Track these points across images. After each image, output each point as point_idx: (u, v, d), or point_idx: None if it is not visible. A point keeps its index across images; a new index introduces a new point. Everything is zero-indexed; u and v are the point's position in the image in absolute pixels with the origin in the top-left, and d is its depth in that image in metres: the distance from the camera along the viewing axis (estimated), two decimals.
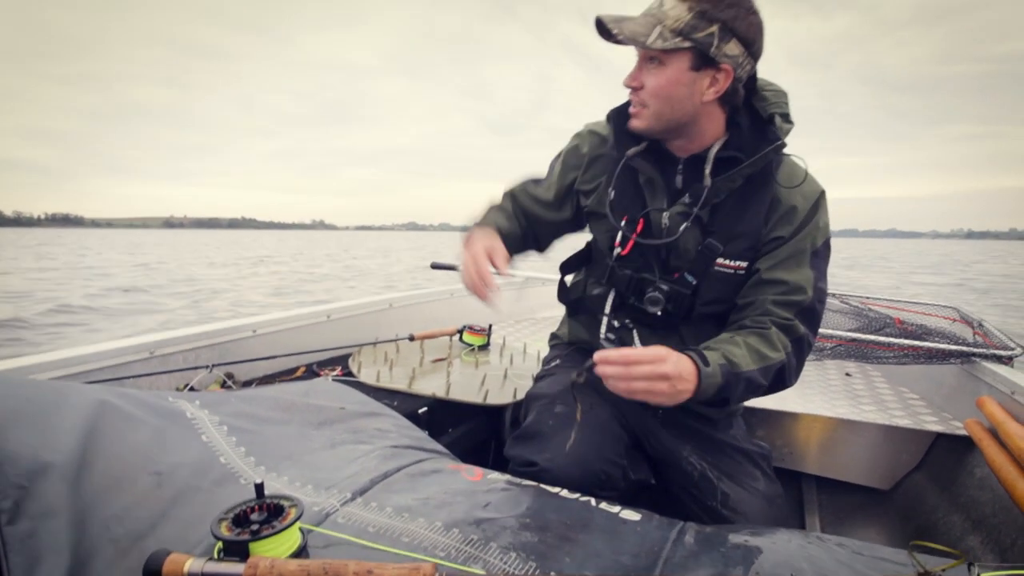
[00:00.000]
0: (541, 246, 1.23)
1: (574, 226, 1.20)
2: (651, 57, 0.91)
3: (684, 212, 0.99)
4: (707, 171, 0.97)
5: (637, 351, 0.81)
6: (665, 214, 1.00)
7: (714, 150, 0.97)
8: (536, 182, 1.19)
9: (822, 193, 1.01)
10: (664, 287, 1.00)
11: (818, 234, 0.99)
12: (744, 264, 1.00)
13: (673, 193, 1.01)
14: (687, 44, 0.87)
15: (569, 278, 1.27)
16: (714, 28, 0.86)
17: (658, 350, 0.82)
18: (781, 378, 0.96)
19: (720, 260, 0.99)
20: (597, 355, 0.82)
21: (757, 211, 0.98)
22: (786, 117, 0.99)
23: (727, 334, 0.97)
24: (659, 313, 1.01)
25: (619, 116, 1.03)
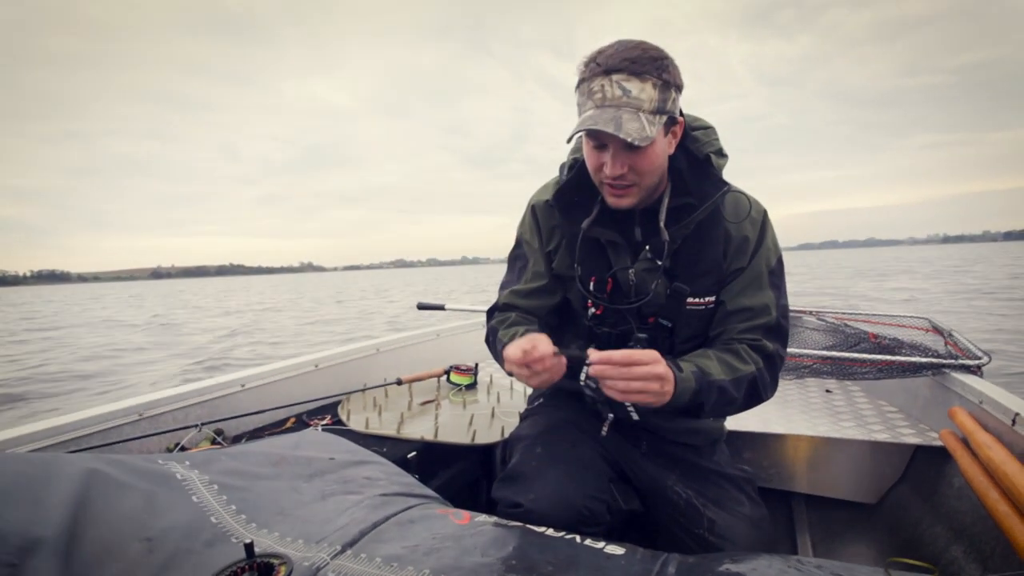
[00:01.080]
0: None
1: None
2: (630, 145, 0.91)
3: (649, 267, 1.03)
4: (662, 224, 1.00)
5: (636, 352, 0.84)
6: (631, 271, 1.04)
7: (665, 202, 1.01)
8: (515, 279, 1.17)
9: (765, 213, 1.06)
10: (643, 335, 1.03)
11: (771, 254, 1.04)
12: (712, 299, 1.04)
13: (635, 247, 1.05)
14: (664, 118, 0.90)
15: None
16: (672, 92, 0.91)
17: (652, 352, 0.85)
18: (755, 390, 0.99)
19: (690, 299, 1.03)
20: (597, 355, 0.84)
21: (714, 248, 1.02)
22: (720, 152, 1.04)
23: (700, 351, 1.01)
24: None
25: (563, 197, 1.05)
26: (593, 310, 1.07)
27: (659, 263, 1.01)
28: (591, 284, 1.06)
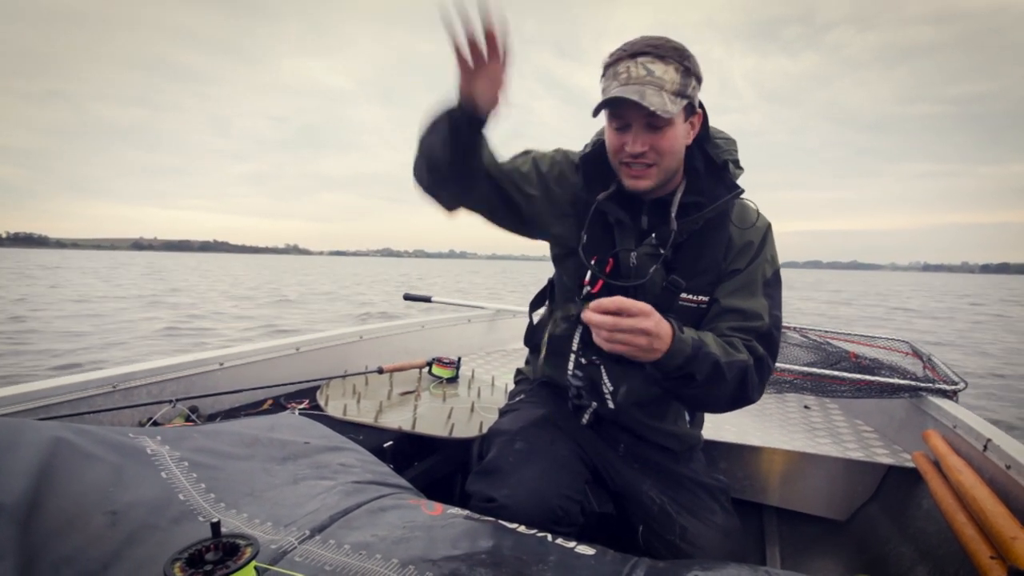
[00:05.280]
0: (469, 197, 1.05)
1: (498, 203, 1.10)
2: (653, 124, 0.94)
3: (651, 253, 1.04)
4: (673, 215, 1.03)
5: (628, 301, 0.81)
6: (633, 254, 1.05)
7: (678, 195, 1.04)
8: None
9: (769, 226, 1.08)
10: None
11: (767, 265, 1.05)
12: (706, 299, 1.05)
13: (640, 234, 1.07)
14: (685, 102, 0.94)
15: (536, 315, 1.30)
16: (693, 80, 0.95)
17: (645, 305, 0.83)
18: (745, 382, 0.96)
19: (684, 295, 1.04)
20: (592, 303, 0.82)
21: (716, 249, 1.04)
22: (737, 163, 1.07)
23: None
24: None
25: (589, 163, 1.08)
26: (588, 288, 1.08)
27: (662, 251, 1.03)
28: (592, 262, 1.07)
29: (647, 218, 1.06)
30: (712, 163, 1.06)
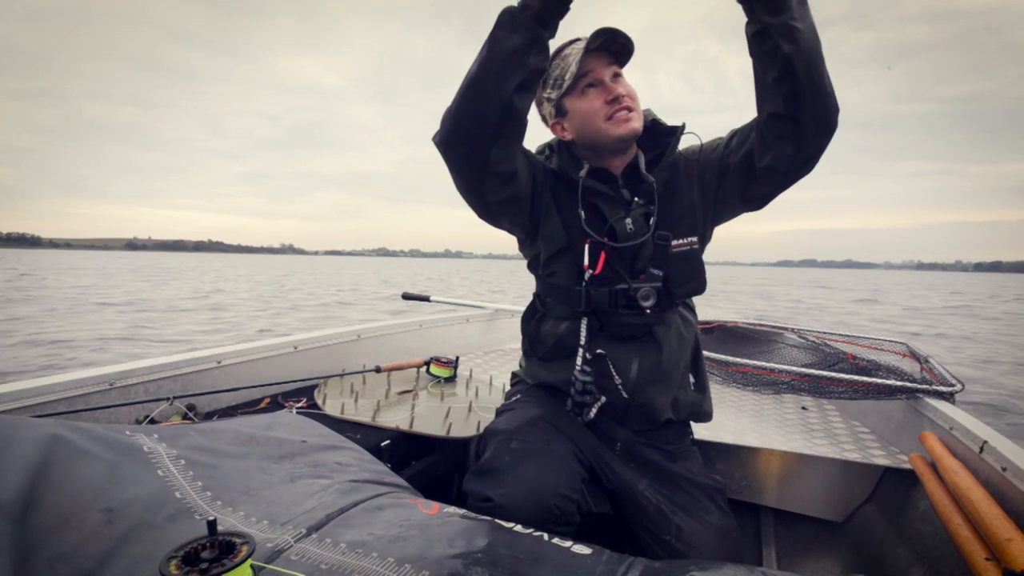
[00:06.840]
0: (507, 151, 0.98)
1: (526, 177, 1.09)
2: (618, 73, 1.08)
3: (644, 212, 1.10)
4: (643, 169, 1.11)
5: None
6: (628, 220, 1.09)
7: (642, 157, 1.12)
8: None
9: None
10: (639, 287, 1.08)
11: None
12: (695, 239, 1.11)
13: (624, 203, 1.12)
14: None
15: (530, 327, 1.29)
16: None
17: None
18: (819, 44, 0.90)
19: (674, 242, 1.10)
20: None
21: (684, 188, 1.12)
22: (659, 120, 1.15)
23: None
24: (649, 310, 1.09)
25: (564, 150, 1.15)
26: (591, 271, 1.10)
27: (651, 207, 1.09)
28: (586, 248, 1.10)
29: (627, 190, 1.12)
30: (644, 127, 1.12)
